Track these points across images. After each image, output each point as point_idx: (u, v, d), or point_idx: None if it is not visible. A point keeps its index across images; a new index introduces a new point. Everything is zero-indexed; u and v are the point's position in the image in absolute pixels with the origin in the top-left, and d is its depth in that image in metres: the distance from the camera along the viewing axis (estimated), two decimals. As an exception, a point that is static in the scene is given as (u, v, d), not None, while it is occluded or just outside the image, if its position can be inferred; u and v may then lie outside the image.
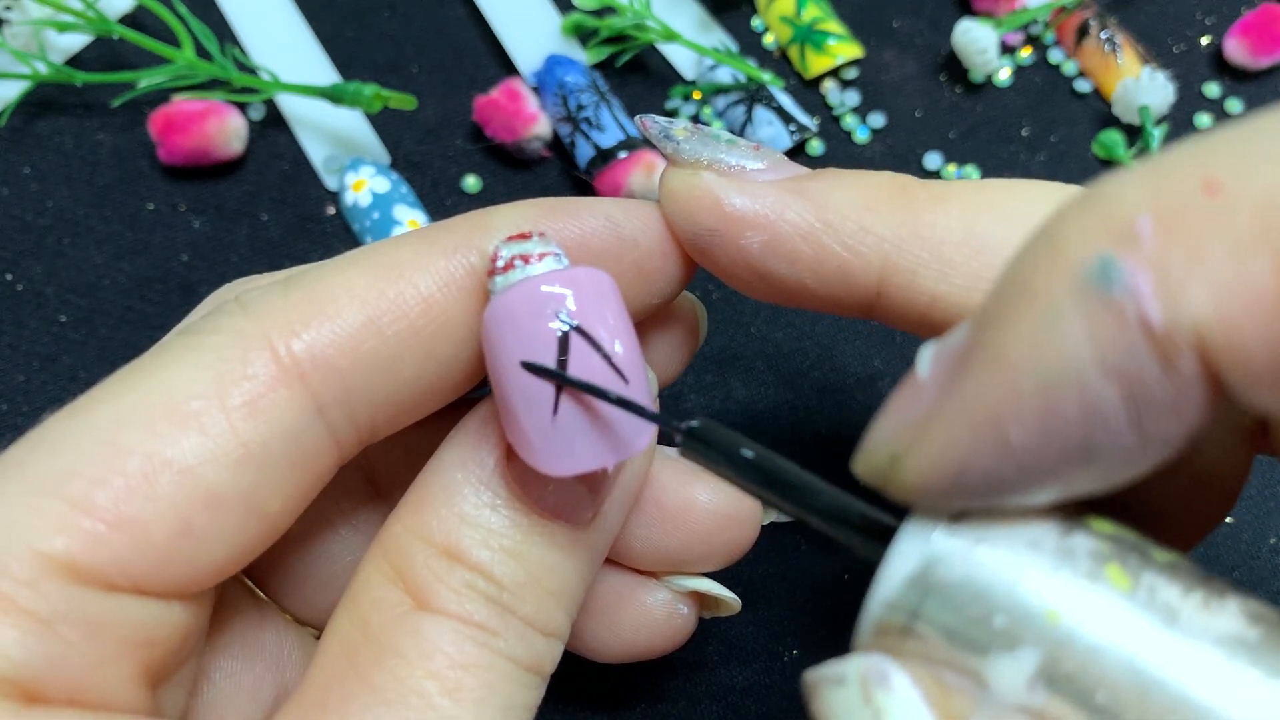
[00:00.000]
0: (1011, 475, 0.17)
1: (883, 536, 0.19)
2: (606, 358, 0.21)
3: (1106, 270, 0.15)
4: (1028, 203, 0.23)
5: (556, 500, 0.22)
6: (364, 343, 0.22)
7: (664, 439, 0.26)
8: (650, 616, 0.28)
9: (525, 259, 0.22)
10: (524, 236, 0.22)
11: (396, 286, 0.22)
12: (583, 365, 0.21)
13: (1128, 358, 0.15)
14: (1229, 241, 0.15)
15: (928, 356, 0.18)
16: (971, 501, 0.18)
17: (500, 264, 0.22)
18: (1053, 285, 0.16)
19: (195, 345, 0.22)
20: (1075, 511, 0.18)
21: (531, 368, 0.21)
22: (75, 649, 0.20)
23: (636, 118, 0.25)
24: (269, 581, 0.27)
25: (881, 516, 0.19)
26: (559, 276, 0.21)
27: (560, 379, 0.21)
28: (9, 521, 0.20)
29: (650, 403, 0.22)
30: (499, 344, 0.21)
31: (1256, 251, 0.15)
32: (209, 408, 0.21)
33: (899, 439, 0.18)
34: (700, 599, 0.28)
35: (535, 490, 0.22)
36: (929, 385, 0.18)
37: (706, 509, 0.26)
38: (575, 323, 0.21)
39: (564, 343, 0.21)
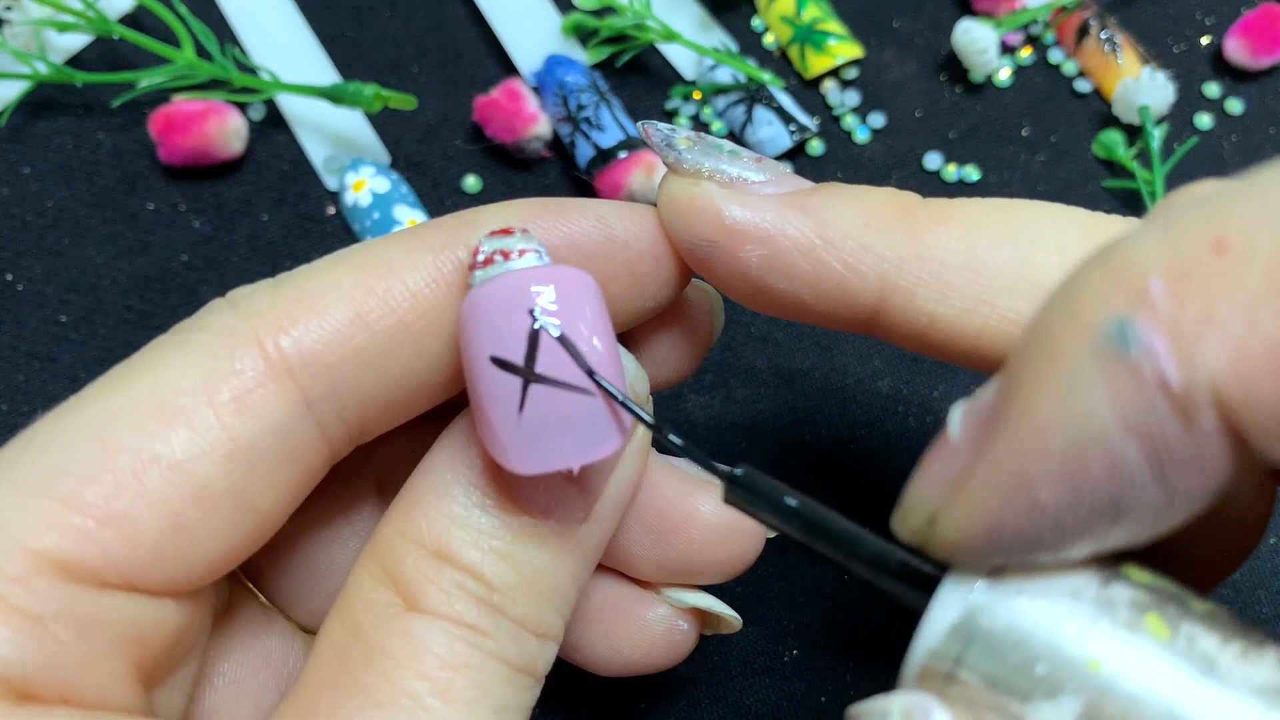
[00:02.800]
0: (1045, 533, 0.17)
1: (924, 585, 0.19)
2: (578, 357, 0.21)
3: (1123, 332, 0.16)
4: (1030, 225, 0.23)
5: (547, 500, 0.22)
6: (352, 338, 0.22)
7: (660, 446, 0.26)
8: (650, 632, 0.27)
9: (505, 254, 0.22)
10: (506, 232, 0.22)
11: (385, 283, 0.22)
12: (553, 363, 0.21)
13: (1149, 416, 0.16)
14: (1240, 298, 0.15)
15: (958, 416, 0.19)
16: (1008, 558, 0.18)
17: (481, 258, 0.22)
18: (1073, 348, 0.16)
19: (183, 343, 0.22)
20: (1113, 561, 0.19)
21: (500, 363, 0.21)
22: (67, 647, 0.20)
23: (639, 124, 0.25)
24: (277, 590, 0.27)
25: (923, 565, 0.20)
26: (537, 273, 0.21)
27: (528, 375, 0.21)
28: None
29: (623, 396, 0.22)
30: (472, 337, 0.21)
31: (1268, 306, 0.15)
32: (197, 404, 0.21)
33: (935, 499, 0.19)
34: (701, 616, 0.28)
35: (526, 490, 0.22)
36: (961, 445, 0.18)
37: (709, 521, 0.26)
38: (550, 320, 0.21)
39: (534, 339, 0.21)
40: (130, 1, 0.44)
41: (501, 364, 0.21)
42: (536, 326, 0.21)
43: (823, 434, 0.38)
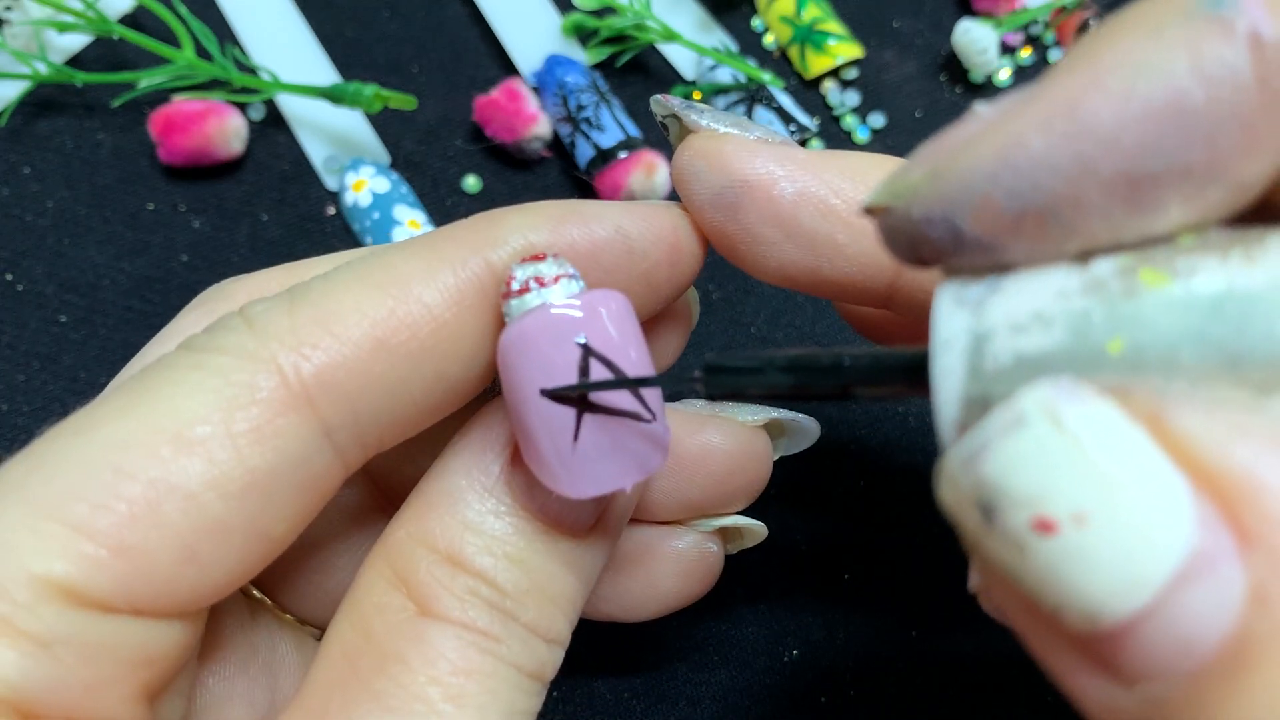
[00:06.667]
0: (1074, 176, 0.16)
1: (921, 366, 0.18)
2: (627, 380, 0.21)
3: (1218, 2, 0.15)
4: None
5: (560, 507, 0.22)
6: (374, 365, 0.21)
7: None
8: (684, 560, 0.28)
9: (540, 282, 0.21)
10: (538, 258, 0.22)
11: (406, 306, 0.22)
12: (606, 391, 0.21)
13: (1222, 65, 0.15)
14: None
15: (984, 106, 0.17)
16: (1012, 228, 0.17)
17: (515, 287, 0.21)
18: (1160, 12, 0.16)
19: (200, 364, 0.21)
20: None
21: (554, 395, 0.21)
22: (74, 671, 0.19)
23: (654, 97, 0.26)
24: (267, 582, 0.27)
25: (911, 351, 0.19)
26: (576, 301, 0.21)
27: (582, 406, 0.21)
28: (9, 544, 0.19)
29: (664, 416, 0.22)
30: (518, 372, 0.21)
31: None
32: (215, 433, 0.20)
33: (948, 152, 0.17)
34: (725, 534, 0.29)
35: (538, 497, 0.22)
36: (993, 110, 0.17)
37: (722, 451, 0.27)
38: (595, 347, 0.21)
39: (585, 368, 0.21)
40: (130, 1, 0.44)
41: (555, 396, 0.21)
42: (585, 357, 0.21)
43: (823, 434, 0.38)
